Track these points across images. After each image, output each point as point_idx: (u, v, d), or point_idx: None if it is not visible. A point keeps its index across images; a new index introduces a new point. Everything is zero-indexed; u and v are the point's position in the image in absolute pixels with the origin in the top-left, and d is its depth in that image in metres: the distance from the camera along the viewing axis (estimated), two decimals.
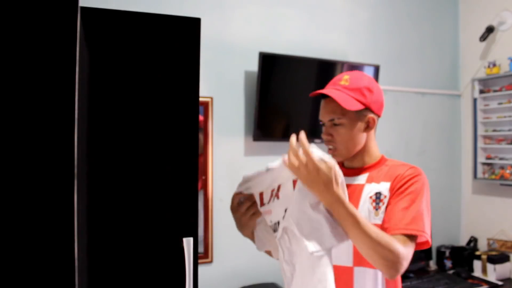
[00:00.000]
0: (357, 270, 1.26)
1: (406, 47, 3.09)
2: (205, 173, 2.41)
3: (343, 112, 1.30)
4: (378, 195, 1.28)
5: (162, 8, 2.30)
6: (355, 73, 1.36)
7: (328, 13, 2.80)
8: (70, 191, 0.85)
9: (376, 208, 1.27)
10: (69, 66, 0.86)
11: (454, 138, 3.29)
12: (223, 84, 2.48)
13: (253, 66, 2.50)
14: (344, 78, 1.33)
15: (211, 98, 2.43)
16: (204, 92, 2.41)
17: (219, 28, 2.48)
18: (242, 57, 2.52)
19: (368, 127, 1.34)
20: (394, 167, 1.33)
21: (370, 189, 1.31)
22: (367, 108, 1.32)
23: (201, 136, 2.42)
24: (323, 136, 1.36)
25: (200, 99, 2.39)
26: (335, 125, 1.32)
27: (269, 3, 2.62)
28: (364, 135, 1.35)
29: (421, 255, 2.97)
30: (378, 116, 1.36)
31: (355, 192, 1.32)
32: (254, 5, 2.58)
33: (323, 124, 1.37)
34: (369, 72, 2.78)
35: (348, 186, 1.33)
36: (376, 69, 2.79)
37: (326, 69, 2.64)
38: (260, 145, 2.57)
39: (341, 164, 1.42)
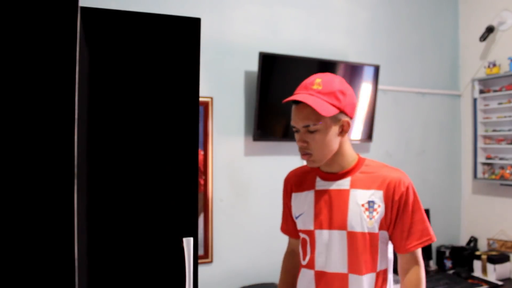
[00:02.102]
0: (352, 277, 1.30)
1: (406, 47, 3.09)
2: (205, 173, 2.41)
3: (318, 118, 1.27)
4: (371, 204, 1.29)
5: (162, 8, 2.30)
6: (326, 75, 1.33)
7: (328, 13, 2.80)
8: (70, 190, 0.85)
9: (370, 218, 1.29)
10: (69, 66, 0.86)
11: (454, 138, 3.29)
12: (223, 84, 2.48)
13: (253, 66, 2.50)
14: (316, 82, 1.30)
15: (211, 98, 2.43)
16: (204, 92, 2.41)
17: (219, 28, 2.48)
18: (242, 57, 2.52)
19: (343, 130, 1.32)
20: (378, 171, 1.34)
21: (358, 196, 1.31)
22: (342, 112, 1.30)
23: (201, 136, 2.42)
24: (298, 143, 1.33)
25: (200, 99, 2.39)
26: (310, 132, 1.30)
27: (269, 3, 2.62)
28: (339, 139, 1.33)
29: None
30: (351, 118, 1.34)
31: (341, 197, 1.33)
32: (254, 5, 2.57)
33: (297, 131, 1.34)
34: (369, 72, 2.78)
35: (331, 191, 1.35)
36: (376, 69, 2.79)
37: (326, 69, 2.63)
38: (260, 145, 2.57)
39: (318, 169, 1.41)
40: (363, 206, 1.29)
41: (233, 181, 2.51)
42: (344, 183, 1.34)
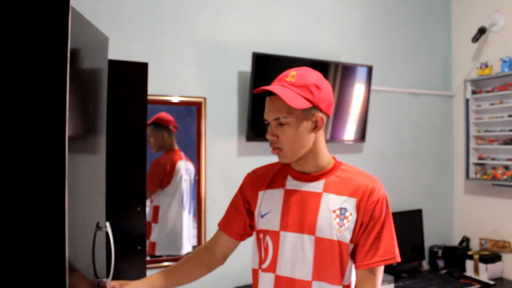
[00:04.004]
0: (316, 285, 1.21)
1: (399, 47, 3.10)
2: (198, 173, 2.40)
3: (289, 110, 1.21)
4: (342, 211, 1.21)
5: (157, 8, 2.29)
6: (302, 69, 1.28)
7: (321, 13, 2.80)
8: (60, 188, 0.85)
9: (340, 225, 1.21)
10: (60, 66, 0.85)
11: (446, 139, 3.31)
12: (216, 84, 2.47)
13: (247, 66, 2.49)
14: (290, 74, 1.25)
15: (204, 99, 2.42)
16: (197, 92, 2.41)
17: (212, 28, 2.47)
18: (235, 57, 2.51)
19: (316, 127, 1.24)
20: (354, 178, 1.26)
21: (331, 201, 1.23)
22: (315, 107, 1.23)
23: (194, 136, 2.41)
24: (268, 137, 1.27)
25: (193, 99, 2.39)
26: (281, 124, 1.24)
27: (262, 4, 2.61)
28: (312, 135, 1.25)
29: (414, 255, 2.99)
30: (327, 115, 1.27)
31: (311, 200, 1.25)
32: (247, 6, 2.57)
33: (268, 124, 1.28)
34: (362, 72, 2.79)
35: (302, 192, 1.27)
36: (369, 69, 2.80)
37: (319, 70, 2.57)
38: (254, 145, 2.57)
39: (289, 167, 1.34)
40: (334, 212, 1.22)
41: (226, 182, 2.50)
42: (317, 186, 1.26)
